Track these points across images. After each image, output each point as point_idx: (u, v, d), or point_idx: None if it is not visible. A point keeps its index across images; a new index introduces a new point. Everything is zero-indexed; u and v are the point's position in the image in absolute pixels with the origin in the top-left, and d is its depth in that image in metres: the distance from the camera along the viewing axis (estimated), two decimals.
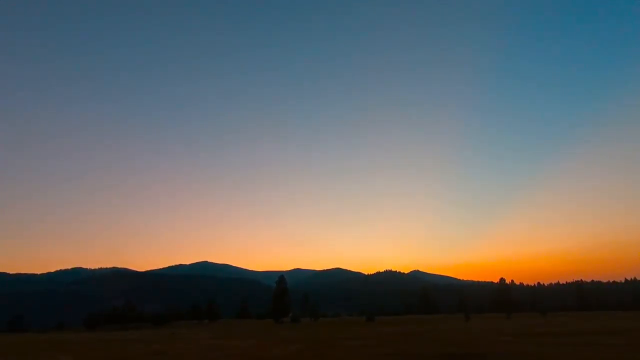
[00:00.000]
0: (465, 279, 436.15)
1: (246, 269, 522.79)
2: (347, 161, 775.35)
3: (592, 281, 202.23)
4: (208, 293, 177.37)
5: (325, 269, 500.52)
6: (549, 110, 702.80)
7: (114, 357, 24.20)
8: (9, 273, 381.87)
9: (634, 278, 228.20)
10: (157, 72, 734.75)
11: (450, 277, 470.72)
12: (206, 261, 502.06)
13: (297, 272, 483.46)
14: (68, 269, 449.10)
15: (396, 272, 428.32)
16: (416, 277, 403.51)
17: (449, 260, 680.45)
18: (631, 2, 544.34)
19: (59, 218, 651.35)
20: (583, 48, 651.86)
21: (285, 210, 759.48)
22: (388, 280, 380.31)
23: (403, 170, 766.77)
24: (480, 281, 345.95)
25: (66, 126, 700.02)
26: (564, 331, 35.20)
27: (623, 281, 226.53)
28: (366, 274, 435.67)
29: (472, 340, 28.47)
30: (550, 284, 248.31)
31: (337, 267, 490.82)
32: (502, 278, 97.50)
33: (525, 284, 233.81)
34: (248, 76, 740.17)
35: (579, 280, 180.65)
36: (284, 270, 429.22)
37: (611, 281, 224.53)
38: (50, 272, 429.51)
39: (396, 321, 72.05)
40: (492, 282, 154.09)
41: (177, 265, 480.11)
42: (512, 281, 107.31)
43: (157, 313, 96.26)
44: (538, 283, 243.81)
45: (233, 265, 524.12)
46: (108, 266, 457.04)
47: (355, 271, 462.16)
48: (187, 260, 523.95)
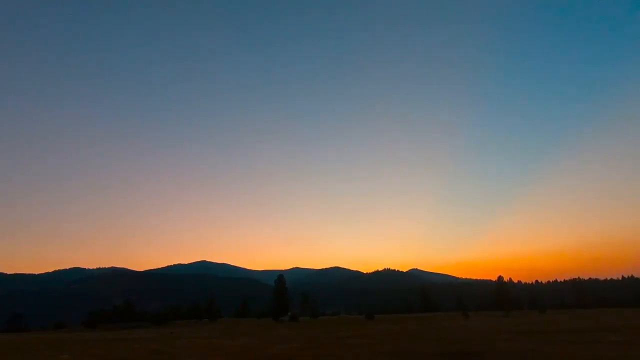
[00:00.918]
0: (463, 277, 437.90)
1: (245, 268, 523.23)
2: (346, 160, 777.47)
3: (590, 279, 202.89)
4: (207, 292, 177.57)
5: (324, 268, 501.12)
6: (547, 110, 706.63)
7: (114, 357, 24.21)
8: (8, 273, 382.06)
9: (631, 275, 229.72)
10: (154, 72, 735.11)
11: (448, 276, 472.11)
12: (205, 260, 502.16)
13: (296, 271, 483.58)
14: (67, 269, 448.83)
15: (395, 271, 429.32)
16: (415, 276, 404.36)
17: (448, 258, 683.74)
18: (631, 3, 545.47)
19: (58, 218, 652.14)
20: (581, 47, 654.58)
21: (284, 209, 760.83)
22: (387, 278, 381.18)
23: (402, 169, 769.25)
24: (478, 279, 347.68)
25: (65, 126, 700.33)
26: (563, 329, 35.35)
27: (620, 278, 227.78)
28: (365, 273, 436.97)
29: (471, 338, 28.56)
30: (548, 282, 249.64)
31: (336, 266, 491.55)
32: (501, 276, 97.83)
33: (523, 282, 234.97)
34: (245, 76, 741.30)
35: (577, 277, 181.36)
36: (283, 269, 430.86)
37: (608, 278, 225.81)
38: (49, 272, 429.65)
39: (395, 319, 72.23)
40: (491, 280, 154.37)
41: (176, 264, 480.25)
42: (510, 279, 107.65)
43: (157, 312, 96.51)
44: (536, 281, 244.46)
45: (232, 264, 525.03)
46: (107, 266, 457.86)
47: (354, 270, 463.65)
48: (187, 259, 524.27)
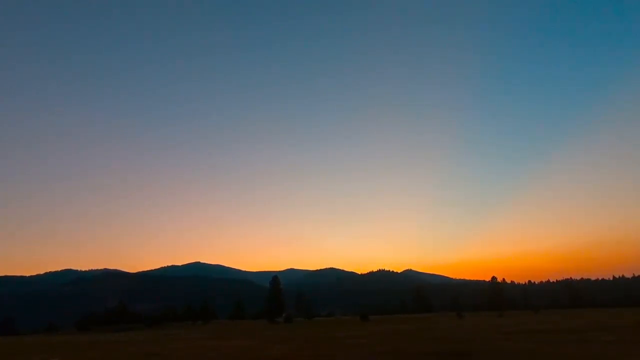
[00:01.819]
0: (458, 278, 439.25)
1: (240, 270, 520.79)
2: (341, 161, 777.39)
3: (582, 279, 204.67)
4: (201, 294, 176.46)
5: (318, 269, 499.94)
6: (539, 111, 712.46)
7: (107, 359, 24.01)
8: None
9: (622, 275, 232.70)
10: (152, 72, 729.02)
11: (443, 276, 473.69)
12: (200, 262, 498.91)
13: (291, 272, 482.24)
14: (59, 271, 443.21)
15: (390, 271, 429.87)
16: (409, 276, 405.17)
17: (442, 259, 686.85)
18: (630, 3, 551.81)
19: (50, 219, 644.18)
20: (577, 48, 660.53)
21: (278, 210, 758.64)
22: (382, 279, 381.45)
23: (396, 170, 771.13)
24: (472, 280, 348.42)
25: (58, 127, 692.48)
26: (556, 328, 35.65)
27: (611, 279, 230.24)
28: (360, 274, 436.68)
29: (466, 338, 28.70)
30: (541, 282, 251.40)
31: (331, 267, 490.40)
32: (494, 276, 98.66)
33: (516, 282, 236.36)
34: (241, 76, 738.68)
35: (569, 278, 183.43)
36: (278, 270, 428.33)
37: (600, 279, 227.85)
38: (41, 274, 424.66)
39: (390, 320, 72.30)
40: (485, 281, 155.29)
41: (170, 266, 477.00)
42: (504, 279, 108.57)
43: (150, 314, 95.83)
44: (529, 281, 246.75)
45: (226, 265, 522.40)
46: (100, 267, 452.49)
47: (349, 271, 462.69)
48: (181, 261, 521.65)
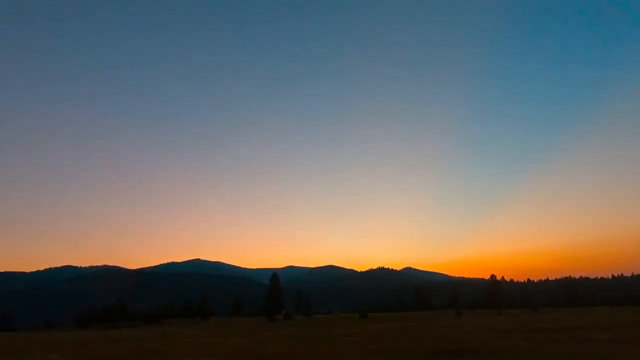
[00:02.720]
0: (457, 276, 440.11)
1: (239, 267, 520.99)
2: (340, 159, 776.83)
3: (581, 277, 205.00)
4: (201, 291, 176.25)
5: (318, 267, 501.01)
6: (539, 110, 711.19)
7: (106, 356, 23.99)
8: None
9: (621, 274, 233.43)
10: (150, 71, 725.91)
11: (442, 274, 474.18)
12: (199, 259, 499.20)
13: (290, 270, 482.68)
14: (58, 267, 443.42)
15: (389, 269, 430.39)
16: (409, 274, 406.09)
17: (441, 257, 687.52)
18: (630, 3, 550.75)
19: (49, 216, 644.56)
20: (577, 48, 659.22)
21: (278, 208, 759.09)
22: (381, 277, 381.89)
23: (396, 168, 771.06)
24: (471, 278, 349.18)
25: (57, 125, 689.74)
26: (555, 327, 35.70)
27: (610, 277, 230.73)
28: (359, 271, 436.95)
29: (465, 336, 28.73)
30: (540, 281, 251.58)
31: (330, 265, 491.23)
32: (493, 275, 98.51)
33: (515, 281, 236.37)
34: (240, 75, 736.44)
35: (568, 276, 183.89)
36: (277, 267, 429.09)
37: (599, 277, 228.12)
38: (40, 270, 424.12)
39: (389, 318, 72.40)
40: (483, 279, 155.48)
41: (170, 263, 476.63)
42: (503, 278, 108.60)
43: (149, 311, 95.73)
44: (528, 279, 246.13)
45: (226, 262, 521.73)
46: (99, 264, 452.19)
47: (348, 268, 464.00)
48: (180, 258, 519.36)
